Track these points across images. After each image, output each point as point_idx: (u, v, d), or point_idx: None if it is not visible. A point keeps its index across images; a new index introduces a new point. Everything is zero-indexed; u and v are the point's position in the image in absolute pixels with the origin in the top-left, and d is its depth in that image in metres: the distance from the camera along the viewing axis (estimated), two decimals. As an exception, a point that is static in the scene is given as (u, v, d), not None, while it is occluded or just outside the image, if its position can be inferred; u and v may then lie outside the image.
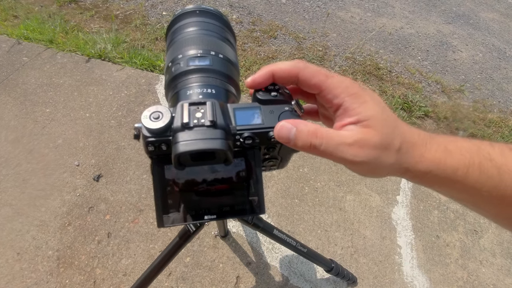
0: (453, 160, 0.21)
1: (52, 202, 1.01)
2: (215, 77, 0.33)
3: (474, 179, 0.21)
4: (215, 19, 0.39)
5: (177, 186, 0.28)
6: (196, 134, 0.23)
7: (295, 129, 0.23)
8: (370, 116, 0.22)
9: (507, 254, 1.06)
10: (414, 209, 1.13)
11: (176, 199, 0.28)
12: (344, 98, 0.23)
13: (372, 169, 0.22)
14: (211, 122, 0.24)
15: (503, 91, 1.85)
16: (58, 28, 1.62)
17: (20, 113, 1.23)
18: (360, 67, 1.77)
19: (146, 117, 0.25)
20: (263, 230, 0.64)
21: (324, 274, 0.93)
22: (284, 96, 0.27)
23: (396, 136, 0.22)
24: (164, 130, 0.24)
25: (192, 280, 0.89)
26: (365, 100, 0.22)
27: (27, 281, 0.86)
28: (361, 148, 0.21)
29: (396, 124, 0.23)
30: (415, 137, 0.22)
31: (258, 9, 2.07)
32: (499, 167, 0.21)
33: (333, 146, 0.21)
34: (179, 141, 0.23)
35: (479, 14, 2.51)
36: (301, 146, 0.23)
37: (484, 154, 0.21)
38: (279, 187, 1.12)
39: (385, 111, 0.23)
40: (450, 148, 0.22)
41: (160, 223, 0.28)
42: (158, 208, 0.28)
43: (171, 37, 0.38)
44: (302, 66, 0.24)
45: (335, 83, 0.23)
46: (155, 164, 0.27)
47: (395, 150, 0.22)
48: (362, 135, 0.21)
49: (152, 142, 0.25)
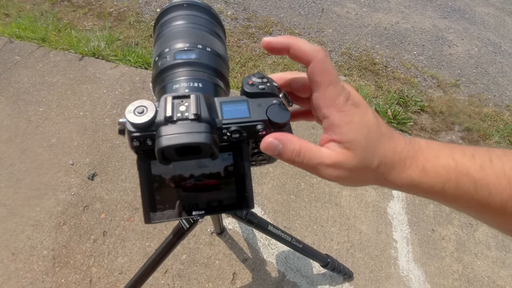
0: (429, 179, 0.23)
1: (46, 202, 1.00)
2: (202, 71, 0.33)
3: (451, 193, 0.23)
4: (203, 12, 0.39)
5: (164, 181, 0.27)
6: (179, 128, 0.23)
7: (281, 146, 0.24)
8: (352, 139, 0.23)
9: (502, 247, 1.07)
10: (409, 204, 1.14)
11: (163, 195, 0.28)
12: (332, 112, 0.23)
13: (348, 183, 0.25)
14: (195, 115, 0.24)
15: (498, 85, 1.85)
16: (51, 26, 1.60)
17: (13, 113, 1.22)
18: (356, 62, 1.77)
19: (130, 112, 0.24)
20: (257, 226, 0.64)
21: (320, 270, 0.93)
22: (272, 89, 0.27)
23: (375, 158, 0.23)
24: (149, 125, 0.24)
25: (189, 277, 0.89)
26: (352, 120, 0.23)
27: (23, 281, 0.85)
28: (336, 169, 0.23)
29: (379, 144, 0.23)
30: (396, 157, 0.23)
31: (253, 5, 2.05)
32: (475, 182, 0.22)
33: (312, 165, 0.24)
34: (162, 135, 0.23)
35: (474, 9, 2.51)
36: (285, 160, 0.25)
37: (461, 170, 0.22)
38: (275, 183, 1.12)
39: (371, 132, 0.23)
40: (427, 167, 0.23)
41: (147, 219, 0.28)
42: (145, 204, 0.27)
43: (158, 30, 0.38)
44: (319, 57, 0.23)
45: (332, 93, 0.23)
46: (141, 159, 0.27)
47: (372, 169, 0.23)
48: (341, 158, 0.23)
49: (137, 137, 0.24)
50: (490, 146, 1.47)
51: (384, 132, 0.24)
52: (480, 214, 0.23)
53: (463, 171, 0.22)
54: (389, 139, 0.24)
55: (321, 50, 0.24)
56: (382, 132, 0.24)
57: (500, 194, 0.21)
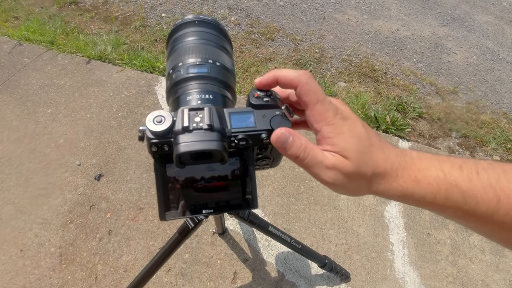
0: (420, 189, 0.24)
1: (54, 201, 1.03)
2: (212, 84, 0.36)
3: (441, 203, 0.24)
4: (213, 28, 0.42)
5: (177, 183, 0.31)
6: (195, 136, 0.26)
7: (291, 138, 0.26)
8: (344, 148, 0.25)
9: (496, 251, 1.10)
10: (406, 208, 1.16)
11: (176, 195, 0.31)
12: (322, 126, 0.25)
13: (343, 190, 0.26)
14: (209, 125, 0.27)
15: (496, 93, 1.89)
16: (59, 30, 1.65)
17: (22, 114, 1.26)
18: (356, 69, 1.81)
19: (150, 121, 0.28)
20: (258, 226, 0.67)
21: (318, 270, 0.96)
22: (275, 102, 0.30)
23: (368, 168, 0.25)
24: (166, 133, 0.27)
25: (191, 276, 0.91)
26: (341, 132, 0.25)
27: (30, 277, 0.88)
28: (335, 172, 0.24)
29: (371, 154, 0.25)
30: (388, 167, 0.25)
31: (256, 11, 2.10)
32: (464, 193, 0.23)
33: (314, 163, 0.25)
34: (180, 142, 0.26)
35: (474, 17, 2.55)
36: (290, 155, 0.26)
37: (450, 181, 0.23)
38: (275, 186, 1.15)
39: (361, 142, 0.25)
40: (419, 178, 0.24)
41: (162, 216, 0.31)
42: (160, 203, 0.30)
43: (172, 45, 0.41)
44: (303, 80, 0.26)
45: (320, 109, 0.25)
46: (158, 163, 0.30)
47: (365, 179, 0.25)
48: (339, 162, 0.24)
49: (155, 143, 0.27)
50: (487, 152, 1.50)
51: (374, 142, 0.26)
52: (467, 222, 0.25)
53: (452, 182, 0.23)
54: (379, 149, 0.26)
55: (304, 74, 0.26)
56: (372, 142, 0.26)
57: (487, 204, 0.22)
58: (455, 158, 0.25)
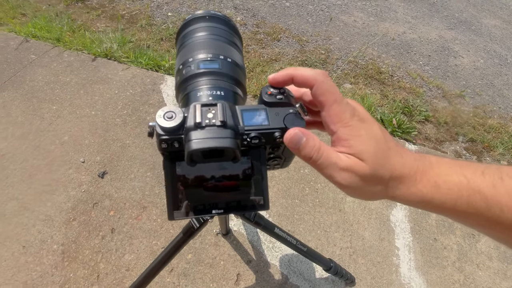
0: (440, 195, 0.23)
1: (57, 198, 1.03)
2: (223, 80, 0.35)
3: (462, 210, 0.23)
4: (223, 24, 0.41)
5: (187, 181, 0.30)
6: (207, 133, 0.25)
7: (305, 138, 0.25)
8: (362, 150, 0.24)
9: (504, 258, 1.07)
10: (412, 212, 1.15)
11: (186, 194, 0.30)
12: (339, 128, 0.24)
13: (358, 194, 0.25)
14: (222, 122, 0.26)
15: (503, 97, 1.86)
16: (65, 27, 1.65)
17: (27, 110, 1.26)
18: (362, 71, 1.79)
19: (160, 116, 0.27)
20: (264, 228, 0.66)
21: (323, 274, 0.95)
22: (289, 100, 0.29)
23: (386, 171, 0.24)
24: (177, 129, 0.26)
25: (194, 277, 0.90)
26: (359, 134, 0.24)
27: (32, 274, 0.88)
28: (350, 174, 0.23)
29: (388, 158, 0.24)
30: (406, 171, 0.24)
31: (262, 11, 2.09)
32: (487, 200, 0.22)
33: (327, 164, 0.24)
34: (192, 139, 0.25)
35: (481, 21, 2.52)
36: (303, 155, 0.25)
37: (473, 187, 0.22)
38: (280, 188, 1.14)
39: (379, 145, 0.24)
40: (439, 183, 0.23)
41: (170, 216, 0.30)
42: (169, 202, 0.29)
43: (181, 41, 0.40)
44: (320, 80, 0.25)
45: (337, 110, 0.24)
46: (167, 160, 0.29)
47: (382, 183, 0.24)
48: (355, 164, 0.23)
49: (166, 140, 0.26)
50: (494, 157, 1.48)
51: (391, 146, 0.25)
52: (490, 231, 0.23)
53: (475, 189, 0.22)
54: (397, 153, 0.25)
55: (321, 73, 0.25)
56: (389, 146, 0.25)
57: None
58: (476, 164, 0.24)
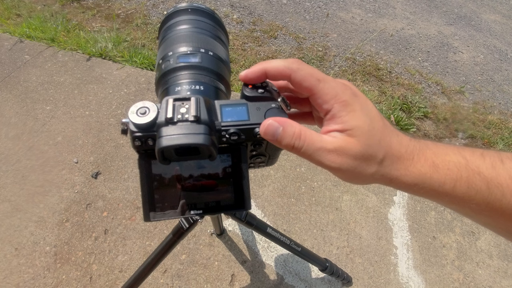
0: (439, 175, 0.21)
1: (50, 199, 1.02)
2: (204, 74, 0.33)
3: (462, 193, 0.21)
4: (207, 17, 0.40)
5: (164, 181, 0.28)
6: (179, 129, 0.24)
7: (281, 128, 0.23)
8: (355, 126, 0.22)
9: (504, 256, 1.06)
10: (411, 210, 1.13)
11: (163, 194, 0.28)
12: (333, 104, 0.23)
13: (351, 176, 0.23)
14: (195, 117, 0.24)
15: (503, 93, 1.84)
16: (60, 27, 1.63)
17: (21, 110, 1.25)
18: (360, 67, 1.77)
19: (133, 113, 0.25)
20: (256, 228, 0.64)
21: (319, 274, 0.93)
22: (271, 93, 0.28)
23: (380, 148, 0.22)
24: (151, 126, 0.25)
25: (188, 278, 0.89)
26: (353, 109, 0.22)
27: (24, 276, 0.87)
28: (339, 156, 0.22)
29: (383, 135, 0.22)
30: (402, 150, 0.22)
31: (258, 9, 2.07)
32: (488, 181, 0.20)
33: (313, 150, 0.22)
34: (162, 135, 0.24)
35: (481, 16, 2.50)
36: (285, 145, 0.23)
37: (472, 167, 0.21)
38: (276, 186, 1.12)
39: (374, 121, 0.22)
40: (437, 163, 0.22)
41: (146, 217, 0.28)
42: (145, 202, 0.28)
43: (163, 34, 0.39)
44: (295, 68, 0.23)
45: (326, 88, 0.23)
46: (142, 159, 0.27)
47: (376, 161, 0.22)
48: (344, 144, 0.22)
49: (139, 137, 0.25)
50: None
51: (387, 124, 0.23)
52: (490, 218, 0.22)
53: (475, 169, 0.21)
54: (393, 131, 0.23)
55: (294, 61, 0.24)
56: (385, 123, 0.23)
57: None
58: (474, 148, 0.22)
